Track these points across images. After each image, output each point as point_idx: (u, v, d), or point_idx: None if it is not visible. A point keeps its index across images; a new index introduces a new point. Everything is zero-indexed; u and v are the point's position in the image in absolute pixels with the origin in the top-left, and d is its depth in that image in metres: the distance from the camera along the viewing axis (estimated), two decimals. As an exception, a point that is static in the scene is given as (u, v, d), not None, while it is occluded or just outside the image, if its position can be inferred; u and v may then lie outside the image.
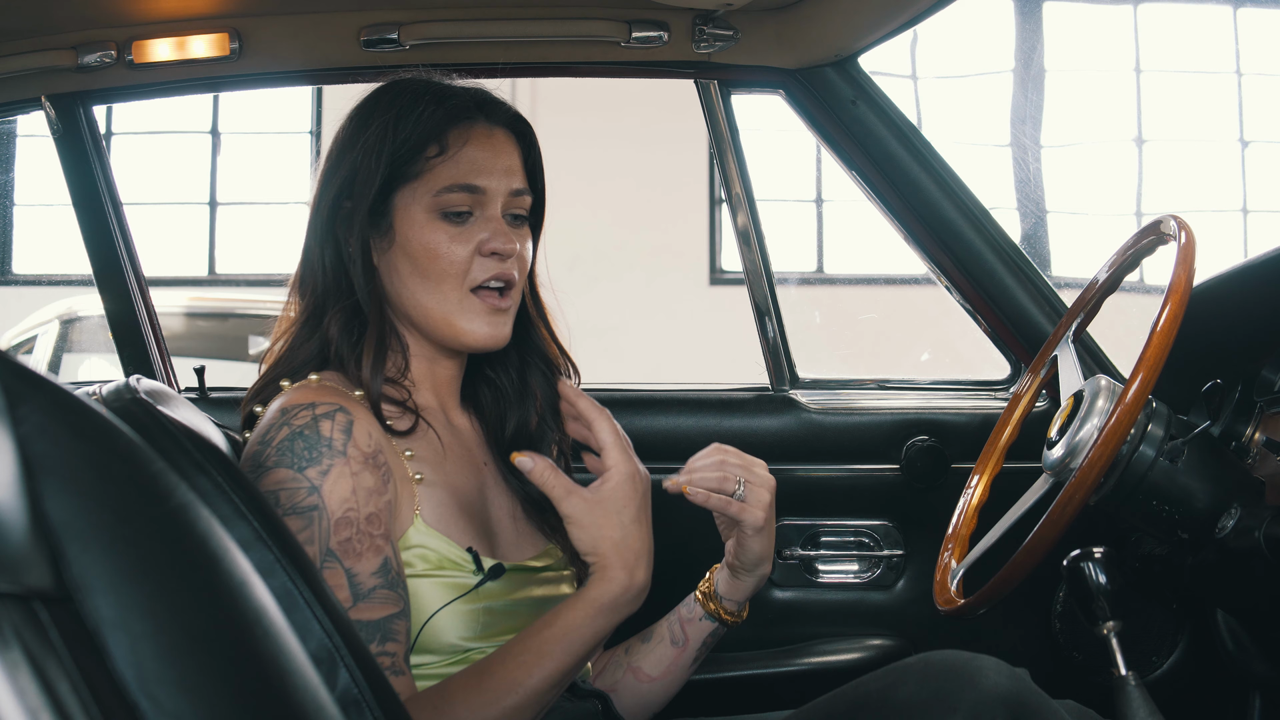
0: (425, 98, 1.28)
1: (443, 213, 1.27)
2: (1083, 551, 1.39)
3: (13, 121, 2.58)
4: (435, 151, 1.26)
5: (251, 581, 0.84)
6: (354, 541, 1.16)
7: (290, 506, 1.15)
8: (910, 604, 1.81)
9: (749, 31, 1.74)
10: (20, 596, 0.68)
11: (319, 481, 1.16)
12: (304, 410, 1.19)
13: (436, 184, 1.26)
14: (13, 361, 0.76)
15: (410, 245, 1.27)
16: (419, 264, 1.27)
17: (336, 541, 1.15)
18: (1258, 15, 6.44)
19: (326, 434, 1.18)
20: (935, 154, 1.79)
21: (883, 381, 1.91)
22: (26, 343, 4.51)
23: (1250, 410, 1.41)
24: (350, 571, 1.15)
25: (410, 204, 1.27)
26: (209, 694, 0.73)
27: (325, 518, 1.15)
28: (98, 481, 0.75)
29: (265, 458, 1.17)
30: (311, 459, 1.17)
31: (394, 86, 1.31)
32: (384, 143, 1.26)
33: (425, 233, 1.27)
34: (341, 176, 1.28)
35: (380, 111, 1.28)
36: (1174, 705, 1.41)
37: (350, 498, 1.17)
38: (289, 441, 1.17)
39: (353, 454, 1.18)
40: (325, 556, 1.15)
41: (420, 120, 1.26)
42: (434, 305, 1.28)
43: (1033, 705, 1.09)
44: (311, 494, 1.16)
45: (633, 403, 1.82)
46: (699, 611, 1.39)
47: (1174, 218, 1.32)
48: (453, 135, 1.27)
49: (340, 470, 1.17)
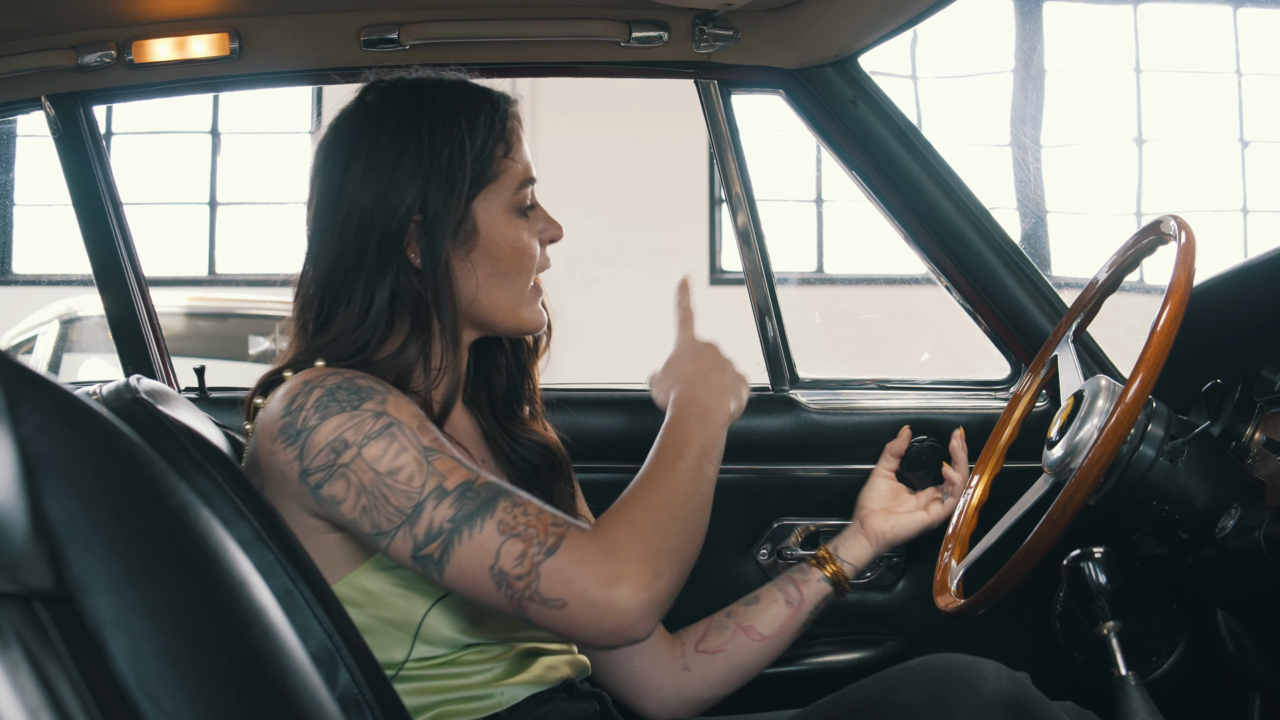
0: (479, 97, 1.29)
1: (518, 209, 1.29)
2: (1083, 551, 1.39)
3: (13, 121, 2.58)
4: (504, 150, 1.28)
5: (252, 581, 0.84)
6: (441, 440, 1.14)
7: (363, 437, 1.11)
8: (910, 604, 1.80)
9: (749, 31, 1.74)
10: (20, 596, 0.68)
11: (381, 407, 1.13)
12: (331, 375, 1.17)
13: (513, 182, 1.28)
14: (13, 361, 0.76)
15: (497, 246, 1.27)
16: (502, 263, 1.27)
17: (428, 440, 1.13)
18: (1258, 15, 6.44)
19: (364, 385, 1.16)
20: (935, 154, 1.79)
21: (883, 381, 1.91)
22: (26, 343, 4.51)
23: (1250, 410, 1.41)
24: (455, 457, 1.13)
25: (492, 205, 1.27)
26: (209, 694, 0.73)
27: (405, 428, 1.12)
28: (98, 481, 0.76)
29: (304, 421, 1.13)
30: (363, 396, 1.14)
31: (437, 90, 1.28)
32: (464, 149, 1.24)
33: (510, 231, 1.28)
34: (412, 191, 1.23)
35: (438, 118, 1.25)
36: (1174, 705, 1.41)
37: (418, 414, 1.15)
38: (327, 396, 1.14)
39: (397, 393, 1.17)
40: (427, 453, 1.12)
41: (489, 122, 1.27)
42: (508, 299, 1.29)
43: (1033, 709, 1.09)
44: (380, 417, 1.12)
45: (632, 403, 1.82)
46: (816, 574, 1.54)
47: (1174, 218, 1.32)
48: (510, 133, 1.29)
49: (396, 398, 1.16)
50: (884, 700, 1.12)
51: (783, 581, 1.54)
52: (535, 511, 1.10)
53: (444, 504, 1.09)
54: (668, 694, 1.46)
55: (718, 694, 1.47)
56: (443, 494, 1.09)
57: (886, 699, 1.12)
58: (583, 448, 1.54)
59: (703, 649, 1.46)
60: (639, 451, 1.71)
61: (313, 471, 1.13)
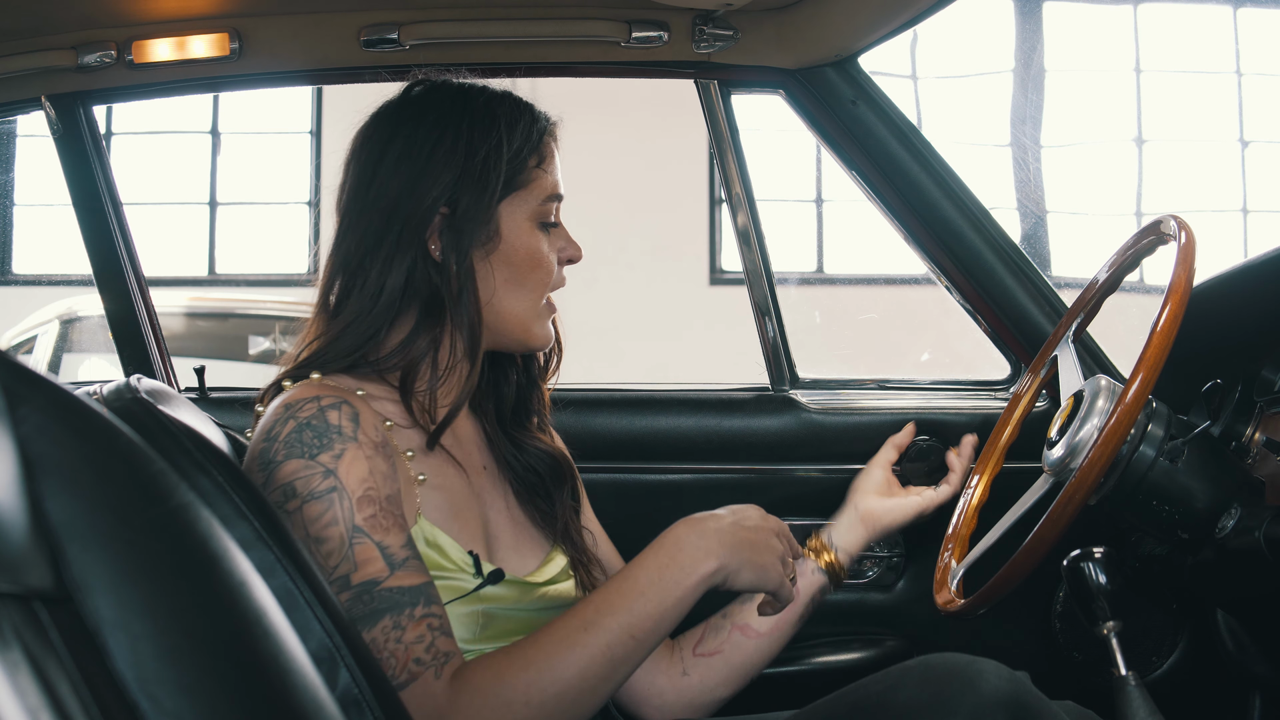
0: (521, 107, 1.31)
1: (542, 222, 1.30)
2: (1083, 551, 1.39)
3: (13, 121, 2.58)
4: (536, 161, 1.29)
5: (252, 582, 0.84)
6: (379, 517, 1.15)
7: (308, 494, 1.14)
8: (910, 604, 1.81)
9: (749, 31, 1.74)
10: (20, 596, 0.68)
11: (334, 465, 1.15)
12: (309, 403, 1.18)
13: (541, 193, 1.30)
14: (13, 361, 0.76)
15: (516, 253, 1.28)
16: (519, 270, 1.28)
17: (362, 518, 1.14)
18: (1258, 15, 6.44)
19: (335, 422, 1.17)
20: (935, 154, 1.79)
21: (883, 381, 1.91)
22: (26, 343, 4.51)
23: (1250, 410, 1.41)
24: (381, 544, 1.14)
25: (517, 211, 1.28)
26: (209, 694, 0.73)
27: (346, 498, 1.14)
28: (98, 481, 0.75)
29: (274, 453, 1.16)
30: (323, 445, 1.16)
31: (481, 94, 1.31)
32: (501, 150, 1.26)
33: (531, 240, 1.29)
34: (443, 183, 1.25)
35: (479, 117, 1.27)
36: (1174, 705, 1.41)
37: (368, 478, 1.16)
38: (296, 433, 1.16)
39: (363, 440, 1.17)
40: (353, 533, 1.13)
41: (527, 131, 1.29)
42: (519, 310, 1.29)
43: (1033, 709, 1.09)
44: (328, 477, 1.14)
45: (633, 403, 1.82)
46: (810, 565, 1.51)
47: (1174, 218, 1.32)
48: (545, 146, 1.31)
49: (354, 454, 1.16)
50: (884, 700, 1.12)
51: None
52: (411, 640, 1.11)
53: (344, 595, 1.12)
54: (669, 700, 1.46)
55: (720, 696, 1.47)
56: (345, 585, 1.12)
57: (886, 699, 1.12)
58: (581, 448, 1.54)
59: (700, 652, 1.46)
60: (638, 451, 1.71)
61: (273, 498, 1.16)
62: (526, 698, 1.09)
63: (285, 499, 1.14)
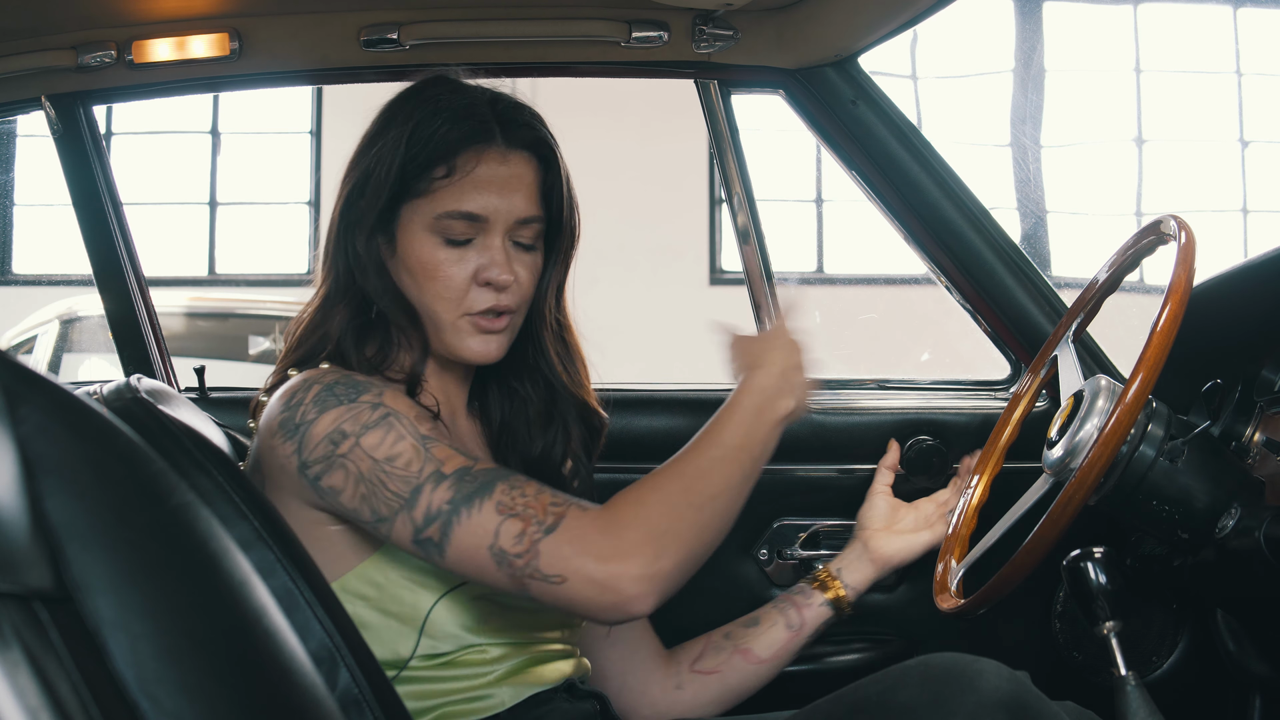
0: (445, 113, 1.25)
1: (444, 235, 1.25)
2: (1083, 551, 1.39)
3: (13, 121, 2.58)
4: (443, 173, 1.24)
5: (252, 581, 0.84)
6: (441, 431, 1.16)
7: (361, 427, 1.12)
8: (910, 604, 1.80)
9: (749, 31, 1.74)
10: (20, 596, 0.68)
11: (378, 399, 1.15)
12: (330, 373, 1.19)
13: (439, 207, 1.24)
14: (13, 361, 0.76)
15: (410, 261, 1.26)
16: (415, 278, 1.26)
17: (427, 429, 1.14)
18: (1258, 15, 6.44)
19: (362, 380, 1.18)
20: (935, 154, 1.79)
21: (883, 381, 1.90)
22: (26, 343, 4.51)
23: (1250, 410, 1.41)
24: (453, 447, 1.14)
25: (413, 220, 1.26)
26: (209, 694, 0.74)
27: (403, 417, 1.14)
28: (98, 481, 0.76)
29: (303, 415, 1.15)
30: (360, 390, 1.16)
31: (420, 92, 1.29)
32: (396, 154, 1.24)
33: (425, 251, 1.25)
34: (356, 177, 1.27)
35: (401, 119, 1.26)
36: (1174, 705, 1.41)
37: (413, 406, 1.17)
38: (327, 390, 1.16)
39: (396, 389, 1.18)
40: (424, 440, 1.13)
41: (434, 138, 1.23)
42: (432, 316, 1.27)
43: (1033, 709, 1.09)
44: (377, 408, 1.14)
45: (633, 403, 1.81)
46: (818, 598, 1.51)
47: (1174, 218, 1.32)
48: (463, 158, 1.24)
49: (392, 391, 1.17)
50: (884, 700, 1.12)
51: (783, 604, 1.53)
52: (534, 492, 1.10)
53: (441, 487, 1.10)
54: (660, 710, 1.46)
55: (710, 714, 1.47)
56: (440, 478, 1.10)
57: (886, 699, 1.11)
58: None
59: (698, 669, 1.45)
60: (637, 451, 1.71)
61: (311, 464, 1.14)
62: (688, 499, 1.11)
63: (334, 446, 1.12)
